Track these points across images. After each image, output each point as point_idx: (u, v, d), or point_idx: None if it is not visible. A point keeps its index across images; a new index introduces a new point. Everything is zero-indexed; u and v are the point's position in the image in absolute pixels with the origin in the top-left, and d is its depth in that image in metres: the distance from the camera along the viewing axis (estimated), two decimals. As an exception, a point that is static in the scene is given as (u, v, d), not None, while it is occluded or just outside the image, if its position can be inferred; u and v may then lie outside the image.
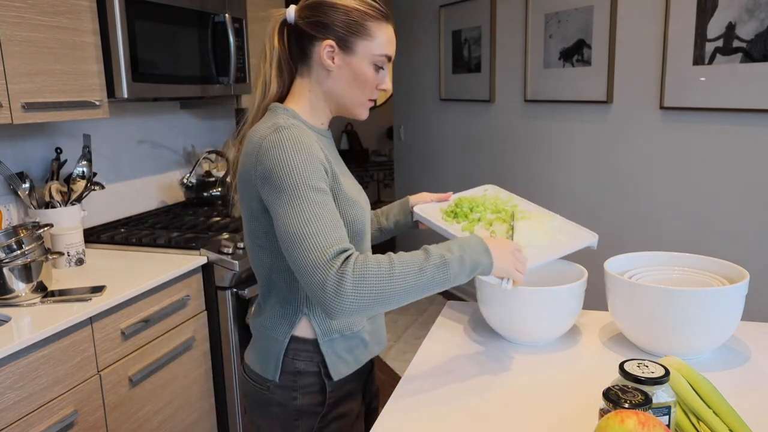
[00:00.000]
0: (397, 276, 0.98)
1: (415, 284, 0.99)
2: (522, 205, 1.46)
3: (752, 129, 2.12)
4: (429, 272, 1.00)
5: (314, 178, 1.02)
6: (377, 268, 0.97)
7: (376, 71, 1.14)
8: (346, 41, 1.10)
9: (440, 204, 1.46)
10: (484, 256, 1.06)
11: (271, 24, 1.15)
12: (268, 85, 1.16)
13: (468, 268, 1.04)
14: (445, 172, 3.98)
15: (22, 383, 1.39)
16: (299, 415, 1.16)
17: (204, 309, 2.02)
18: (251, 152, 1.06)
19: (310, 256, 0.96)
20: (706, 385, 0.90)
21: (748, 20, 2.05)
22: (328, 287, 0.95)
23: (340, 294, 0.94)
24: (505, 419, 1.00)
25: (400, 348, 3.40)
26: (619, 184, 2.68)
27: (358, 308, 0.96)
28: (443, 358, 1.23)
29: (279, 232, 1.01)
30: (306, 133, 1.06)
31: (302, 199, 0.99)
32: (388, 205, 1.47)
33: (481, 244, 1.07)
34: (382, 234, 1.45)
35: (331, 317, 0.97)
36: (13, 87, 1.60)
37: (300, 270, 0.98)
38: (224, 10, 2.35)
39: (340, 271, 0.95)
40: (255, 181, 1.05)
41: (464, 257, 1.04)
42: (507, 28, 3.23)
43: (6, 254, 1.57)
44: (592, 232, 1.35)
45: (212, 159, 2.75)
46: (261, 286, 1.19)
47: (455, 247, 1.04)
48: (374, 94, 1.16)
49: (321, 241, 0.97)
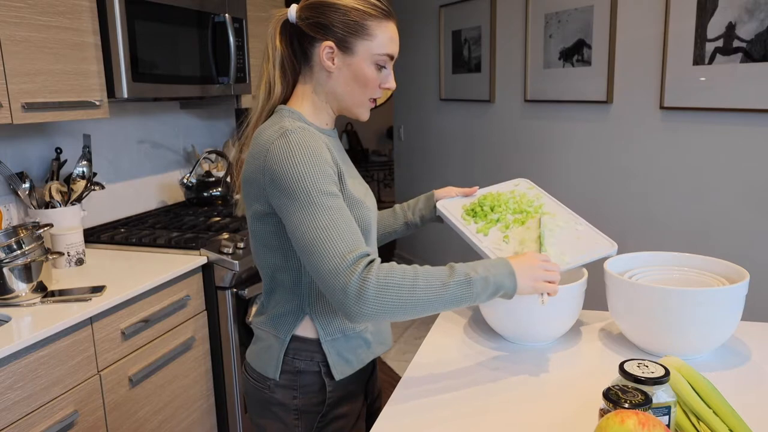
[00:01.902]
0: (421, 288, 0.99)
1: (437, 298, 1.00)
2: (547, 206, 1.41)
3: (752, 129, 2.12)
4: (452, 288, 1.01)
5: (325, 182, 1.02)
6: (401, 278, 0.98)
7: (378, 70, 1.13)
8: (345, 42, 1.09)
9: (464, 199, 1.43)
10: (508, 280, 1.06)
11: (273, 24, 1.14)
12: (272, 86, 1.15)
13: (491, 289, 1.05)
14: (445, 172, 3.98)
15: (22, 383, 1.39)
16: (299, 415, 1.16)
17: (204, 309, 2.02)
18: (258, 155, 1.06)
19: (330, 263, 0.97)
20: (706, 385, 0.90)
21: (748, 20, 2.05)
22: (350, 291, 0.96)
23: (362, 299, 0.96)
24: (505, 419, 1.00)
25: (400, 348, 3.40)
26: (619, 184, 2.68)
27: (379, 313, 0.98)
28: (443, 358, 1.23)
29: (295, 238, 1.01)
30: (313, 136, 1.06)
31: (316, 205, 1.00)
32: (413, 199, 1.47)
33: (507, 267, 1.07)
34: (408, 228, 1.44)
35: (351, 321, 0.99)
36: (13, 87, 1.60)
37: (321, 276, 0.99)
38: (224, 10, 2.35)
39: (363, 275, 0.96)
40: (263, 184, 1.05)
41: (489, 278, 1.04)
42: (507, 28, 3.23)
43: (6, 254, 1.57)
44: (612, 241, 1.30)
45: (212, 159, 2.75)
46: (265, 285, 1.19)
47: (481, 267, 1.05)
48: (377, 93, 1.15)
49: (340, 247, 0.98)
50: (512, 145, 3.31)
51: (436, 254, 4.20)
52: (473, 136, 3.64)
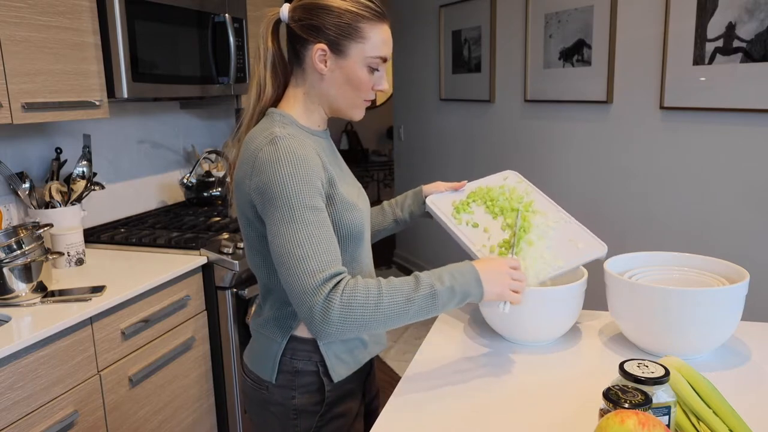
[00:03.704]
0: (385, 305, 1.00)
1: (403, 313, 1.01)
2: (537, 203, 1.39)
3: (752, 129, 2.12)
4: (417, 302, 1.02)
5: (309, 195, 1.01)
6: (365, 297, 0.99)
7: (371, 73, 1.11)
8: (337, 45, 1.08)
9: (454, 195, 1.42)
10: (474, 287, 1.07)
11: (264, 24, 1.13)
12: (262, 87, 1.14)
13: (457, 298, 1.05)
14: (445, 172, 3.98)
15: (22, 383, 1.39)
16: (298, 415, 1.16)
17: (204, 309, 2.02)
18: (247, 161, 1.06)
19: (300, 281, 0.98)
20: (706, 385, 0.90)
21: (748, 20, 2.05)
22: (316, 313, 0.97)
23: (327, 320, 0.98)
24: (505, 419, 1.00)
25: (400, 348, 3.40)
26: (619, 184, 2.68)
27: (343, 333, 1.00)
28: (443, 358, 1.23)
29: (272, 248, 1.02)
30: (302, 144, 1.05)
31: (296, 219, 1.00)
32: (401, 195, 1.46)
33: (473, 274, 1.07)
34: (397, 225, 1.44)
35: (318, 339, 1.01)
36: (13, 87, 1.60)
37: (290, 292, 1.00)
38: (224, 10, 2.35)
39: (328, 298, 0.97)
40: (250, 191, 1.05)
41: (455, 287, 1.04)
42: (507, 28, 3.23)
43: (6, 254, 1.57)
44: (602, 242, 1.30)
45: (212, 159, 2.75)
46: (260, 288, 1.19)
47: (447, 276, 1.05)
48: (369, 95, 1.14)
49: (312, 265, 0.98)
50: (512, 145, 3.31)
51: (436, 254, 4.20)
52: (473, 136, 3.64)
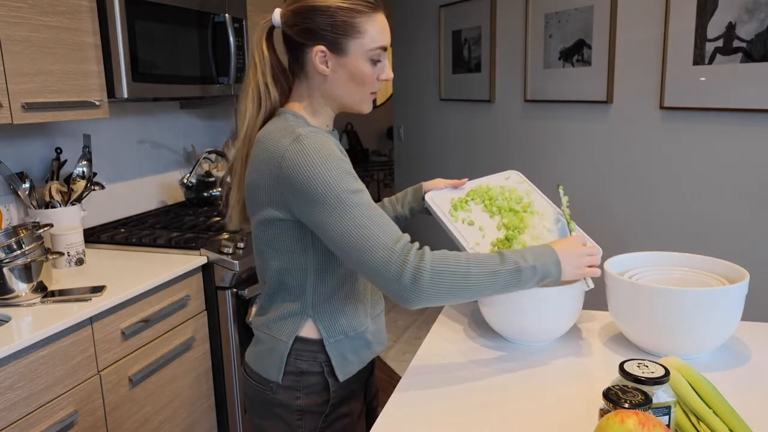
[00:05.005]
0: (473, 274, 1.02)
1: (489, 284, 1.04)
2: (537, 204, 1.39)
3: (752, 129, 2.12)
4: (503, 276, 1.04)
5: (349, 181, 1.03)
6: (455, 264, 1.02)
7: (374, 65, 1.11)
8: (336, 44, 1.07)
9: (453, 192, 1.42)
10: (554, 268, 1.09)
11: (258, 32, 1.12)
12: (262, 95, 1.13)
13: (538, 277, 1.08)
14: (445, 172, 3.98)
15: (22, 383, 1.38)
16: (302, 415, 1.16)
17: (204, 309, 2.02)
18: (270, 162, 1.05)
19: (379, 255, 0.99)
20: (706, 385, 0.90)
21: (748, 20, 2.05)
22: (405, 280, 0.99)
23: (419, 285, 0.99)
24: (505, 419, 1.00)
25: (400, 348, 3.40)
26: (619, 184, 2.67)
27: (434, 298, 1.01)
28: (443, 358, 1.23)
29: (333, 242, 1.02)
30: (324, 137, 1.06)
31: (348, 205, 1.01)
32: (402, 192, 1.46)
33: (553, 255, 1.10)
34: (397, 221, 1.44)
35: (407, 306, 1.02)
36: (13, 87, 1.60)
37: (371, 270, 1.00)
38: (224, 10, 2.35)
39: (416, 263, 0.99)
40: (281, 192, 1.04)
41: (537, 267, 1.07)
42: (507, 28, 3.23)
43: (6, 254, 1.57)
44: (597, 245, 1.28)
45: (212, 159, 2.75)
46: (268, 287, 1.18)
47: (529, 255, 1.08)
48: (376, 86, 1.13)
49: (384, 239, 1.00)
50: (512, 145, 3.31)
51: (436, 254, 4.19)
52: (473, 136, 3.64)
